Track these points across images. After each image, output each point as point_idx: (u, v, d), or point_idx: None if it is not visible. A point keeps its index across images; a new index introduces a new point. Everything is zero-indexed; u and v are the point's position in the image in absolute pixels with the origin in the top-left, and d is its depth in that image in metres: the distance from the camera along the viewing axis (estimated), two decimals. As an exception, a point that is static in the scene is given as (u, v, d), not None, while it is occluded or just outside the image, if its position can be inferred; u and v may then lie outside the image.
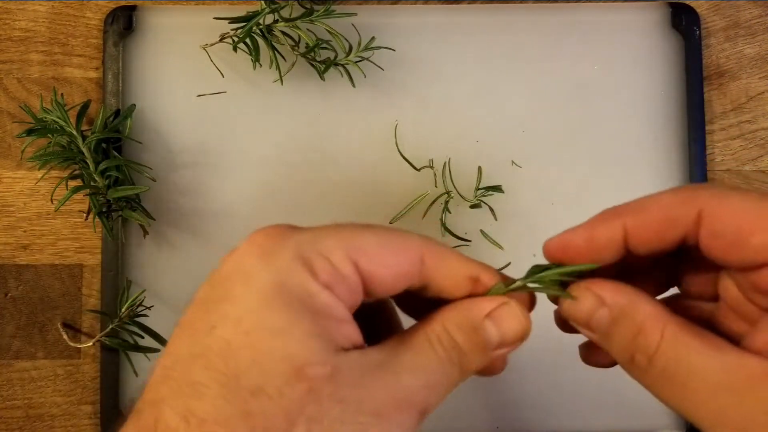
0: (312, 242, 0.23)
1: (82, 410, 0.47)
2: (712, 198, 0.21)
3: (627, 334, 0.22)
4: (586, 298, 0.23)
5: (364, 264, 0.23)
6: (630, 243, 0.23)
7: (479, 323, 0.24)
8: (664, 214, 0.22)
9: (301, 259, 0.22)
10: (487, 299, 0.24)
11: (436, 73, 0.48)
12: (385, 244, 0.23)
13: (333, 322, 0.22)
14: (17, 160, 0.48)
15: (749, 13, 0.49)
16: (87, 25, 0.49)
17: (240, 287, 0.22)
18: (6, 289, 0.48)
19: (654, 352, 0.21)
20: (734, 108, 0.49)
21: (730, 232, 0.21)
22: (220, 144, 0.47)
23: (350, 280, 0.23)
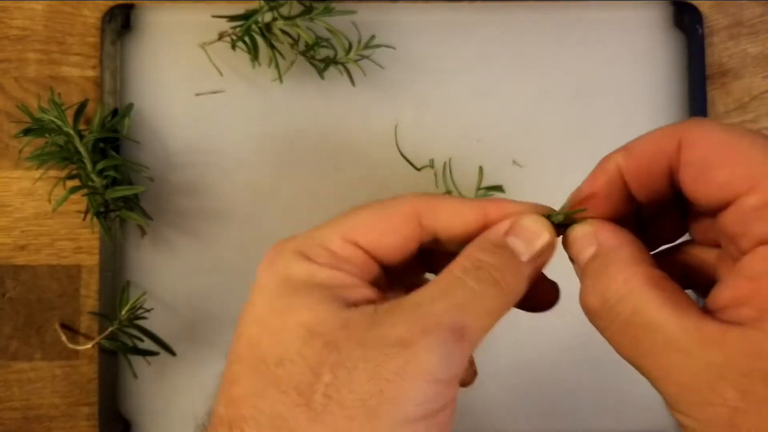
0: (308, 238, 0.24)
1: (80, 412, 0.47)
2: (693, 127, 0.21)
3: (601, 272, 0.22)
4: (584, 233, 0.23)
5: (362, 240, 0.24)
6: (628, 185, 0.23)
7: (501, 241, 0.24)
8: (649, 148, 0.22)
9: (300, 254, 0.24)
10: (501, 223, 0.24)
11: (437, 72, 0.47)
12: (378, 213, 0.24)
13: (343, 289, 0.23)
14: (15, 159, 0.48)
15: (752, 11, 0.49)
16: (84, 24, 0.49)
17: (255, 295, 0.24)
18: (3, 290, 0.47)
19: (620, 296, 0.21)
20: (737, 107, 0.48)
21: (698, 161, 0.21)
22: (219, 143, 0.47)
23: (353, 258, 0.24)
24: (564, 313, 0.30)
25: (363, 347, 0.21)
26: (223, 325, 0.46)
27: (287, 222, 0.47)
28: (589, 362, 0.46)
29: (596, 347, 0.47)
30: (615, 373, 0.46)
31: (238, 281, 0.47)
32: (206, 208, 0.47)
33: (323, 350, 0.21)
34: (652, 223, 0.25)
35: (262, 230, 0.47)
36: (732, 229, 0.20)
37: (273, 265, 0.24)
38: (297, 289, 0.23)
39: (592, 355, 0.46)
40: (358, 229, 0.24)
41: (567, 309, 0.31)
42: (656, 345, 0.20)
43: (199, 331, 0.46)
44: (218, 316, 0.46)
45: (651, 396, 0.49)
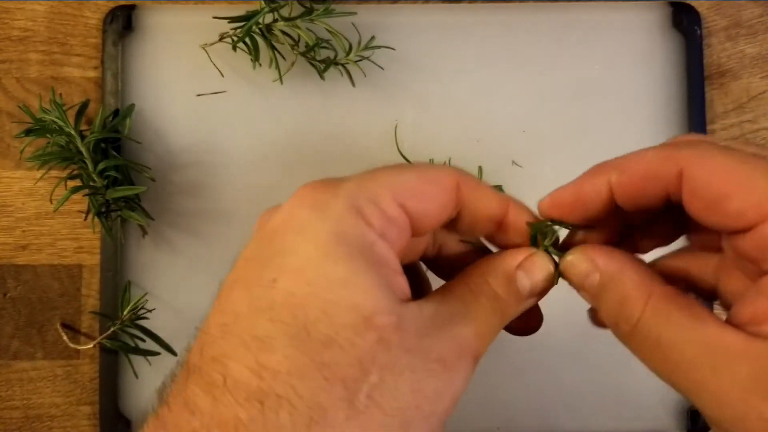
0: (360, 190, 0.23)
1: (81, 411, 0.47)
2: (693, 156, 0.21)
3: (614, 300, 0.23)
4: (582, 262, 0.24)
5: (409, 202, 0.23)
6: (616, 198, 0.24)
7: (512, 273, 0.25)
8: (646, 171, 0.22)
9: (354, 207, 0.22)
10: (516, 251, 0.25)
11: (437, 73, 0.48)
12: (424, 177, 0.24)
13: (391, 272, 0.22)
14: (16, 160, 0.48)
15: (750, 12, 0.49)
16: (86, 25, 0.49)
17: (297, 239, 0.22)
18: (5, 290, 0.48)
19: (636, 321, 0.22)
20: (735, 108, 0.48)
21: (707, 195, 0.21)
22: (220, 144, 0.47)
23: (399, 221, 0.23)
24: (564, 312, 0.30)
25: (411, 357, 0.21)
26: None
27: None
28: (589, 362, 0.46)
29: (596, 347, 0.47)
30: (615, 373, 0.46)
31: (239, 281, 0.47)
32: (207, 208, 0.47)
33: (375, 346, 0.20)
34: (642, 229, 0.25)
35: (263, 230, 0.47)
36: (750, 254, 0.21)
37: (322, 210, 0.22)
38: (352, 256, 0.21)
39: (592, 355, 0.46)
40: (407, 190, 0.23)
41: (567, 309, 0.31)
42: (684, 363, 0.21)
43: (200, 330, 0.46)
44: (219, 316, 0.46)
45: (651, 396, 0.49)
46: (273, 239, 0.23)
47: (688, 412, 0.46)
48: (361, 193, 0.23)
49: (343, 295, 0.21)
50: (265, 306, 0.21)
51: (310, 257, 0.21)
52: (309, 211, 0.22)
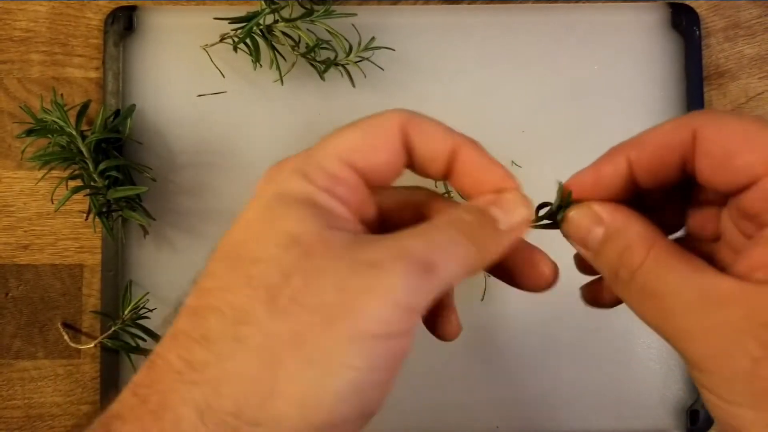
0: (307, 158, 0.25)
1: (82, 410, 0.47)
2: (707, 120, 0.23)
3: (616, 250, 0.23)
4: (586, 215, 0.24)
5: (356, 159, 0.24)
6: (636, 175, 0.24)
7: (485, 207, 0.25)
8: (662, 140, 0.24)
9: (298, 172, 0.24)
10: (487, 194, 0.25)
11: (436, 73, 0.48)
12: (366, 133, 0.25)
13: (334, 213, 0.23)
14: (17, 160, 0.48)
15: (749, 13, 0.49)
16: (87, 26, 0.49)
17: (249, 206, 0.25)
18: (6, 289, 0.48)
19: (637, 267, 0.23)
20: (734, 108, 0.49)
21: (718, 151, 0.22)
22: (221, 144, 0.47)
23: (347, 179, 0.24)
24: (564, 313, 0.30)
25: (336, 261, 0.21)
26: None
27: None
28: (589, 362, 0.46)
29: (596, 347, 0.47)
30: (615, 373, 0.46)
31: (239, 281, 0.47)
32: (208, 208, 0.47)
33: (299, 258, 0.22)
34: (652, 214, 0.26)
35: (263, 230, 0.47)
36: (754, 208, 0.22)
37: (271, 181, 0.25)
38: (290, 203, 0.23)
39: (592, 355, 0.46)
40: (352, 149, 0.24)
41: (567, 309, 0.31)
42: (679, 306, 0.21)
43: (201, 330, 0.46)
44: (219, 316, 0.46)
45: (651, 396, 0.49)
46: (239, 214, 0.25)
47: (688, 411, 0.46)
48: (306, 160, 0.24)
49: (275, 225, 0.23)
50: (214, 256, 0.24)
51: (256, 211, 0.24)
52: (262, 182, 0.26)
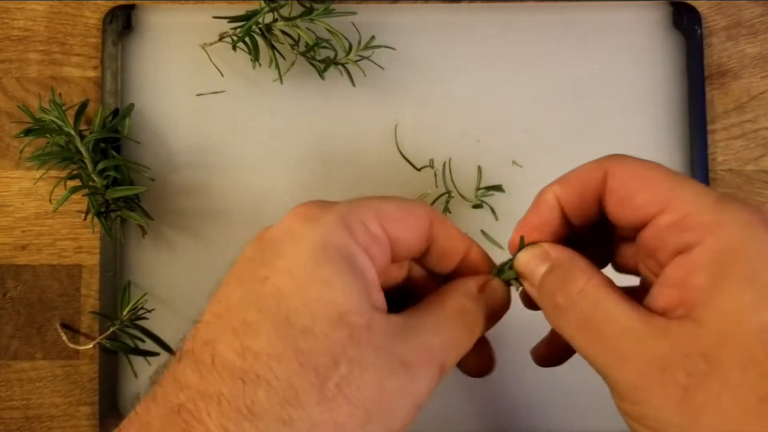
0: (350, 210, 0.26)
1: (81, 411, 0.47)
2: (617, 161, 0.26)
3: (557, 279, 0.26)
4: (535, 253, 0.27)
5: (390, 227, 0.26)
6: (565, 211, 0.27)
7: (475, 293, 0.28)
8: (580, 178, 0.27)
9: (342, 222, 0.25)
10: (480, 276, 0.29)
11: (436, 73, 0.48)
12: (404, 209, 0.27)
13: (369, 283, 0.25)
14: (15, 159, 0.48)
15: (751, 12, 0.49)
16: (86, 25, 0.49)
17: (289, 245, 0.25)
18: (4, 290, 0.48)
19: (576, 293, 0.25)
20: (736, 107, 0.48)
21: (620, 191, 0.25)
22: (220, 144, 0.47)
23: (381, 241, 0.26)
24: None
25: (377, 355, 0.23)
26: (223, 325, 0.46)
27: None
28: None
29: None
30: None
31: (239, 281, 0.47)
32: (207, 208, 0.47)
33: (347, 341, 0.23)
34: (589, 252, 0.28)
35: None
36: (651, 245, 0.25)
37: (314, 223, 0.25)
38: (335, 261, 0.24)
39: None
40: (388, 217, 0.26)
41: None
42: (615, 334, 0.23)
43: (200, 330, 0.46)
44: (219, 316, 0.46)
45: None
46: (269, 244, 0.26)
47: (689, 412, 0.46)
48: (351, 212, 0.26)
49: (322, 293, 0.23)
50: (254, 298, 0.24)
51: (299, 260, 0.24)
52: (302, 223, 0.25)
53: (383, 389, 0.23)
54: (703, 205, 0.23)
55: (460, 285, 0.28)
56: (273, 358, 0.22)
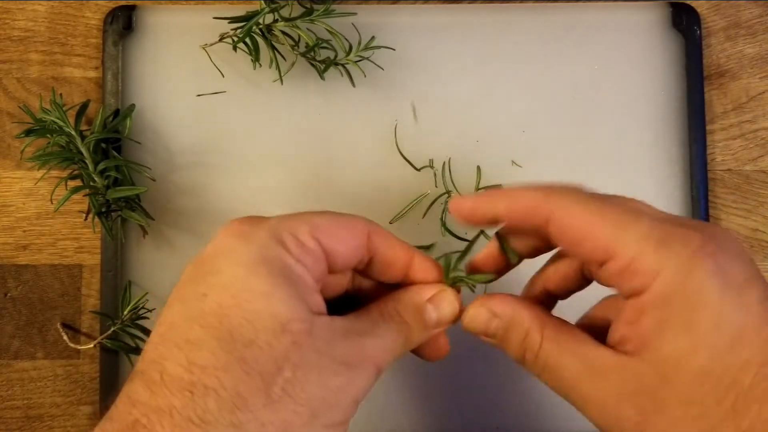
0: (281, 224, 0.27)
1: (82, 411, 0.47)
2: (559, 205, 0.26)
3: (517, 338, 0.28)
4: (481, 313, 0.29)
5: (324, 239, 0.27)
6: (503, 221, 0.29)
7: (422, 305, 0.30)
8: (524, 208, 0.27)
9: (275, 236, 0.26)
10: (428, 286, 0.30)
11: (436, 73, 0.48)
12: (337, 222, 0.28)
13: (306, 289, 0.26)
14: (17, 160, 0.48)
15: (750, 12, 0.49)
16: (86, 25, 0.49)
17: (225, 261, 0.26)
18: (5, 290, 0.48)
19: (538, 350, 0.27)
20: (735, 108, 0.49)
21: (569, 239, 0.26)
22: (220, 144, 0.47)
23: (315, 253, 0.27)
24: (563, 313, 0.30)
25: (319, 357, 0.25)
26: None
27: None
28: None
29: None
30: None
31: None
32: (207, 209, 0.47)
33: (290, 347, 0.24)
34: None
35: (263, 230, 0.47)
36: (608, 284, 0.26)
37: (247, 238, 0.26)
38: (272, 274, 0.25)
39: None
40: (321, 229, 0.27)
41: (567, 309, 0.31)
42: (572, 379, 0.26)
43: (200, 330, 0.46)
44: (219, 316, 0.46)
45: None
46: (206, 263, 0.27)
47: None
48: (282, 226, 0.27)
49: (262, 306, 0.25)
50: (196, 315, 0.25)
51: (236, 275, 0.25)
52: (236, 240, 0.27)
53: (326, 388, 0.25)
54: (646, 250, 0.24)
55: (403, 295, 0.30)
56: (220, 370, 0.23)
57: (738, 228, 0.48)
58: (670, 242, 0.23)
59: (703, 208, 0.47)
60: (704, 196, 0.47)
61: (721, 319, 0.23)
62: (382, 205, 0.47)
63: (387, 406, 0.46)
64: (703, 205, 0.47)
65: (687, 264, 0.23)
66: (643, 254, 0.24)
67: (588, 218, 0.25)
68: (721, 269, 0.23)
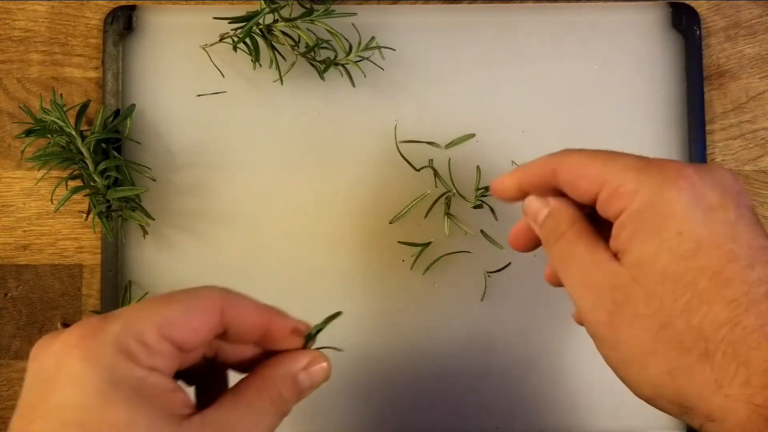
0: (125, 331, 0.25)
1: (82, 410, 0.47)
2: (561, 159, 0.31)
3: (552, 222, 0.32)
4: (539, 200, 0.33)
5: (175, 334, 0.26)
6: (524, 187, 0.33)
7: (297, 375, 0.30)
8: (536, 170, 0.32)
9: (121, 350, 0.25)
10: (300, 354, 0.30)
11: (436, 73, 0.48)
12: (187, 311, 0.27)
13: (166, 397, 0.25)
14: (17, 160, 0.48)
15: (749, 12, 0.49)
16: (87, 25, 0.49)
17: (72, 390, 0.24)
18: (6, 289, 0.48)
19: (560, 235, 0.31)
20: (734, 108, 0.49)
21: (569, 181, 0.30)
22: (220, 144, 0.47)
23: (166, 353, 0.26)
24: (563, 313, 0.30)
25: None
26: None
27: (288, 222, 0.47)
28: (589, 362, 0.46)
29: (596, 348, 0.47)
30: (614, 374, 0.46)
31: (240, 281, 0.47)
32: (208, 209, 0.47)
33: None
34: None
35: (263, 231, 0.47)
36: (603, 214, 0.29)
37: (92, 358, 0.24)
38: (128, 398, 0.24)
39: (592, 355, 0.46)
40: (171, 324, 0.26)
41: (566, 309, 0.31)
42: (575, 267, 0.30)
43: (201, 330, 0.46)
44: (219, 316, 0.46)
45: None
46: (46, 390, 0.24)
47: (688, 411, 0.46)
48: (127, 334, 0.25)
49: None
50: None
51: (90, 408, 0.23)
52: (80, 362, 0.24)
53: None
54: (629, 176, 0.28)
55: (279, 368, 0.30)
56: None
57: (738, 228, 0.48)
58: (648, 169, 0.28)
59: (703, 208, 0.47)
60: (704, 196, 0.47)
61: (684, 228, 0.26)
62: (382, 205, 0.47)
63: (386, 406, 0.46)
64: (702, 205, 0.47)
65: (661, 184, 0.27)
66: (626, 180, 0.28)
67: (582, 161, 0.30)
68: (694, 190, 0.27)
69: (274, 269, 0.47)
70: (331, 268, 0.47)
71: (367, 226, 0.47)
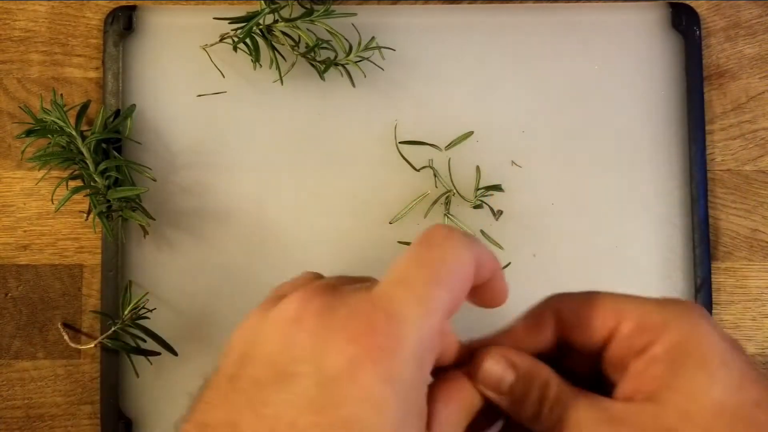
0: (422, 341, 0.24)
1: (82, 410, 0.47)
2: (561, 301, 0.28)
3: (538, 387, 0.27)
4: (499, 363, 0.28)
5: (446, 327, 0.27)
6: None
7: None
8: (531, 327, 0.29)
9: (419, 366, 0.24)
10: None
11: (436, 73, 0.48)
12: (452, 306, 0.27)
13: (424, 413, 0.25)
14: (17, 160, 0.48)
15: (749, 13, 0.49)
16: (87, 25, 0.49)
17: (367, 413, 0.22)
18: (6, 289, 0.48)
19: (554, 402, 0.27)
20: (734, 108, 0.49)
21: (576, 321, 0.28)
22: (220, 144, 0.47)
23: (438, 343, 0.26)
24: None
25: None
26: (224, 325, 0.46)
27: (288, 222, 0.47)
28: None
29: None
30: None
31: (240, 281, 0.47)
32: (208, 209, 0.47)
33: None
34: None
35: (264, 230, 0.47)
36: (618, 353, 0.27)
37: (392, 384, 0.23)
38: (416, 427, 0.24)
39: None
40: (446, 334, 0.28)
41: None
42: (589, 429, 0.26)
43: (201, 330, 0.46)
44: (220, 316, 0.46)
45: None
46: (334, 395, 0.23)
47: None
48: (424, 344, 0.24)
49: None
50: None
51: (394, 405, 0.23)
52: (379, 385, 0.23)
53: None
54: (650, 310, 0.26)
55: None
56: None
57: (737, 228, 0.48)
58: (667, 305, 0.27)
59: (703, 208, 0.47)
60: (704, 196, 0.47)
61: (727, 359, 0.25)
62: (382, 205, 0.47)
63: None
64: (702, 205, 0.47)
65: (690, 319, 0.26)
66: (648, 313, 0.26)
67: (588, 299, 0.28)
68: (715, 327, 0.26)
69: (274, 269, 0.47)
70: (331, 268, 0.47)
71: (367, 226, 0.47)
